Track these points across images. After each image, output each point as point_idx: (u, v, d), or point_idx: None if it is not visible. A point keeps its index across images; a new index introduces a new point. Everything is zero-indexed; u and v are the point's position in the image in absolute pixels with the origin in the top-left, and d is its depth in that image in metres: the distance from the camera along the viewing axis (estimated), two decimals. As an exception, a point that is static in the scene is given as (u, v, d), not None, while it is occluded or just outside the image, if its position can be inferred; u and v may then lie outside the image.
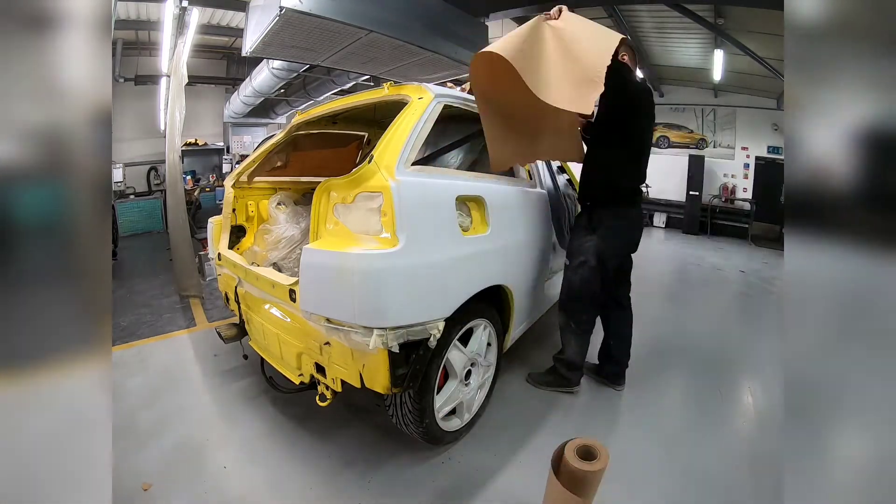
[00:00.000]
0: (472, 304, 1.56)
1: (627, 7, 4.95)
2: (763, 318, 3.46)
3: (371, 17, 2.93)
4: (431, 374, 1.50)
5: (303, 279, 1.36)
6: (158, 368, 2.42)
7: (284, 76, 5.69)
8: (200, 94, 8.80)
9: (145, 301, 3.60)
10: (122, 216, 6.96)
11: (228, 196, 2.22)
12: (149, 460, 1.64)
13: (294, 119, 2.27)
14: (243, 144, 9.97)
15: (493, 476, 1.59)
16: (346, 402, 1.99)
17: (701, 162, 7.91)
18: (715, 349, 2.76)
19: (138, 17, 6.10)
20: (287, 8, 2.52)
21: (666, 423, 1.94)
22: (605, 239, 1.95)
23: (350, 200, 1.37)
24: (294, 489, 1.52)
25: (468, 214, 1.64)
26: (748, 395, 2.21)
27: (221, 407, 2.04)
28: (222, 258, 2.03)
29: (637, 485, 1.55)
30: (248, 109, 7.89)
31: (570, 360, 2.09)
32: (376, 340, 1.24)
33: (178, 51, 3.71)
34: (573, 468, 1.14)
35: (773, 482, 1.54)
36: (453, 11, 3.53)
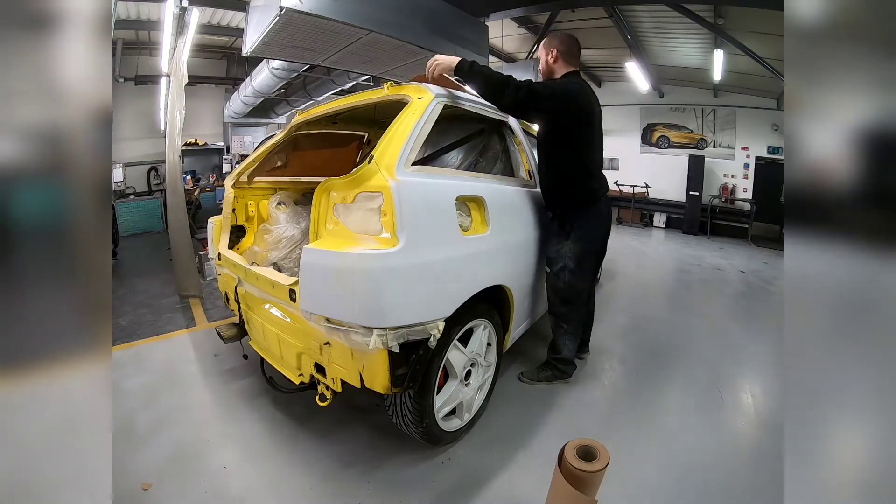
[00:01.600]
0: (472, 304, 1.56)
1: (627, 7, 4.95)
2: (763, 319, 3.46)
3: (371, 17, 2.92)
4: (431, 374, 1.50)
5: (303, 279, 1.36)
6: (158, 368, 2.42)
7: (284, 76, 5.70)
8: (200, 94, 8.81)
9: (145, 301, 3.60)
10: (122, 216, 6.96)
11: (228, 196, 2.22)
12: (149, 460, 1.64)
13: (294, 119, 2.27)
14: (243, 144, 9.98)
15: (493, 476, 1.59)
16: (346, 402, 1.99)
17: (701, 162, 7.91)
18: (715, 349, 2.76)
19: (138, 17, 6.10)
20: (287, 8, 2.52)
21: (666, 423, 1.94)
22: (579, 241, 2.00)
23: (350, 200, 1.37)
24: (294, 489, 1.52)
25: (468, 214, 1.64)
26: (748, 395, 2.21)
27: (221, 407, 2.04)
28: (222, 258, 2.03)
29: (637, 485, 1.55)
30: (248, 109, 7.89)
31: (565, 358, 2.17)
32: (376, 340, 1.24)
33: (178, 51, 3.71)
34: (573, 468, 1.14)
35: (773, 482, 1.54)
36: (453, 11, 3.53)
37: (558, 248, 2.03)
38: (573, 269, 2.00)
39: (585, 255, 2.02)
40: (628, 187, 8.66)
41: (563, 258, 2.01)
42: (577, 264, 2.00)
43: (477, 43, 3.79)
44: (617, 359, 2.58)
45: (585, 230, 2.01)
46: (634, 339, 2.88)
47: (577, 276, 2.01)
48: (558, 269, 2.02)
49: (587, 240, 2.02)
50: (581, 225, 2.01)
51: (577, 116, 1.90)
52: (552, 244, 2.07)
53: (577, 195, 2.01)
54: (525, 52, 6.73)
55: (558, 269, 2.02)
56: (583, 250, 2.00)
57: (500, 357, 1.94)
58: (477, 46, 3.78)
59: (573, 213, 2.02)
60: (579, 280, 2.03)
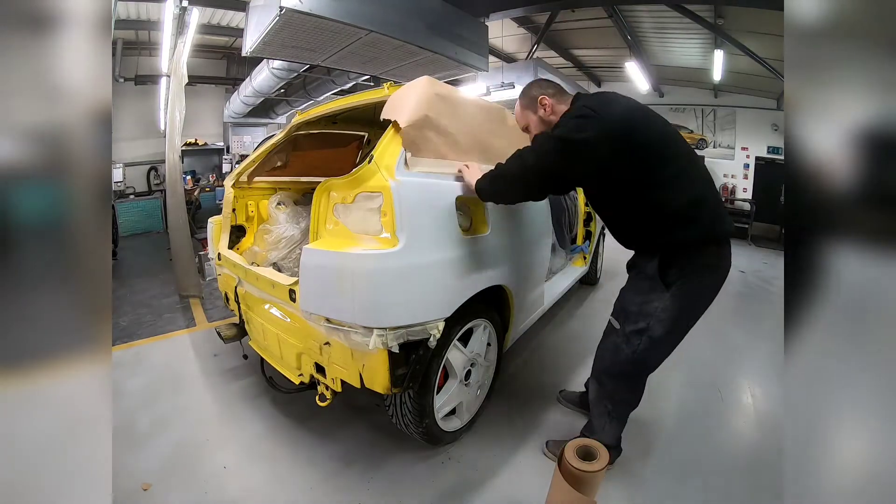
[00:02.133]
0: (472, 304, 1.56)
1: (627, 7, 4.95)
2: (763, 319, 3.46)
3: (371, 17, 2.92)
4: (431, 374, 1.50)
5: (303, 279, 1.36)
6: (158, 368, 2.42)
7: (284, 76, 5.69)
8: (200, 94, 8.80)
9: (145, 301, 3.60)
10: (122, 216, 6.96)
11: (228, 196, 2.22)
12: (149, 460, 1.64)
13: (294, 119, 2.27)
14: (243, 144, 9.96)
15: (493, 476, 1.59)
16: (346, 402, 1.99)
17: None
18: (715, 349, 2.75)
19: (138, 17, 6.09)
20: (287, 8, 2.52)
21: (666, 423, 1.94)
22: (685, 298, 1.36)
23: (350, 200, 1.37)
24: (294, 489, 1.52)
25: (468, 214, 1.64)
26: (748, 395, 2.21)
27: (221, 407, 2.04)
28: (222, 258, 2.03)
29: (637, 485, 1.55)
30: (248, 109, 7.89)
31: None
32: (376, 340, 1.24)
33: (178, 51, 3.71)
34: (573, 468, 1.14)
35: (773, 482, 1.54)
36: (453, 11, 3.53)
37: (645, 303, 1.39)
38: (658, 336, 1.38)
39: (683, 322, 1.41)
40: (628, 187, 8.65)
41: (648, 317, 1.38)
42: (668, 331, 1.38)
43: (477, 43, 3.79)
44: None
45: (702, 284, 1.38)
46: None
47: (658, 347, 1.42)
48: (633, 331, 1.41)
49: (700, 296, 1.40)
50: (700, 276, 1.36)
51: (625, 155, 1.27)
52: (637, 292, 1.43)
53: (689, 240, 1.33)
54: (525, 52, 6.73)
55: (633, 331, 1.41)
56: (687, 313, 1.40)
57: (500, 357, 1.94)
58: (477, 46, 3.78)
59: (691, 253, 1.34)
60: (657, 354, 1.45)
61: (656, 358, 1.47)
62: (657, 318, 1.37)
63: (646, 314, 1.39)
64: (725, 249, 1.40)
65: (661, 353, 1.47)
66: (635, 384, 1.51)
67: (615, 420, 1.54)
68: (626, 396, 1.53)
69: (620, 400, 1.53)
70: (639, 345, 1.41)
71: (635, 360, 1.43)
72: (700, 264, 1.35)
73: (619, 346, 1.46)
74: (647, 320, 1.38)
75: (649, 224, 1.36)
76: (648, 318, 1.38)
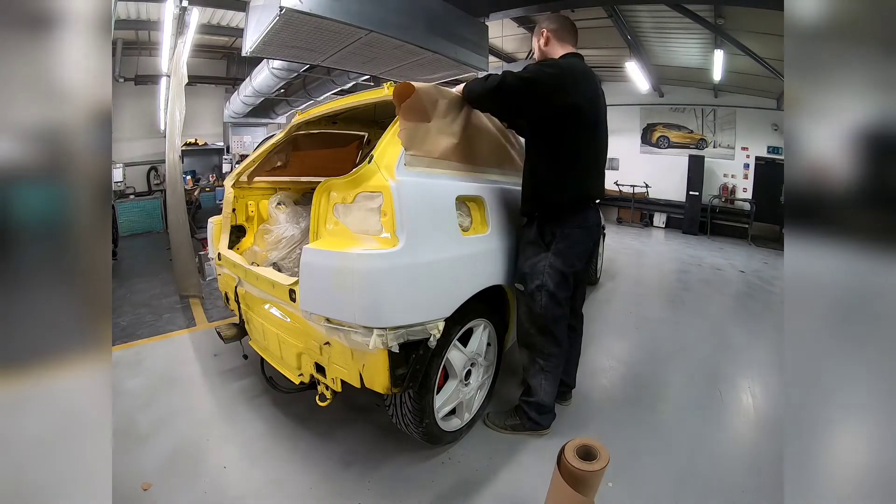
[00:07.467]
0: (472, 303, 1.56)
1: (627, 7, 4.95)
2: (763, 319, 3.46)
3: (371, 17, 2.92)
4: (431, 374, 1.50)
5: (303, 279, 1.36)
6: (158, 368, 2.42)
7: (284, 76, 5.70)
8: (200, 94, 8.80)
9: (145, 301, 3.60)
10: (122, 216, 6.96)
11: (228, 196, 2.22)
12: (149, 460, 1.64)
13: (294, 119, 2.27)
14: (243, 144, 9.97)
15: (493, 476, 1.59)
16: (346, 402, 1.99)
17: (701, 162, 7.91)
18: (715, 349, 2.76)
19: (138, 17, 6.10)
20: (287, 8, 2.52)
21: (666, 423, 1.94)
22: (562, 254, 1.63)
23: (350, 200, 1.37)
24: (294, 489, 1.52)
25: (468, 214, 1.64)
26: (748, 395, 2.21)
27: (221, 407, 2.04)
28: (222, 258, 2.03)
29: (637, 485, 1.55)
30: (248, 109, 7.90)
31: (540, 403, 1.76)
32: (376, 340, 1.24)
33: (178, 51, 3.71)
34: (573, 468, 1.14)
35: (773, 482, 1.54)
36: (454, 11, 3.53)
37: (535, 262, 1.66)
38: (553, 289, 1.63)
39: (567, 274, 1.66)
40: (628, 187, 8.66)
41: (540, 274, 1.64)
42: (558, 284, 1.63)
43: (477, 43, 3.78)
44: (616, 359, 2.58)
45: (571, 241, 1.65)
46: (635, 339, 2.89)
47: (556, 299, 1.65)
48: (534, 288, 1.65)
49: (572, 249, 1.66)
50: (566, 234, 1.64)
51: (574, 104, 1.55)
52: (527, 256, 1.70)
53: (564, 203, 1.65)
54: (525, 52, 6.73)
55: (534, 288, 1.65)
56: (566, 264, 1.64)
57: (500, 357, 1.94)
58: (477, 46, 3.78)
59: (559, 219, 1.66)
60: (559, 305, 1.66)
61: (560, 308, 1.68)
62: (547, 274, 1.64)
63: (538, 272, 1.65)
64: (592, 211, 1.72)
65: (561, 303, 1.68)
66: (552, 335, 1.71)
67: (549, 375, 1.74)
68: (552, 350, 1.72)
69: (549, 353, 1.72)
70: (541, 299, 1.65)
71: (544, 313, 1.67)
72: (570, 225, 1.65)
73: (529, 307, 1.70)
74: (541, 277, 1.65)
75: (564, 171, 1.63)
76: (541, 276, 1.65)
